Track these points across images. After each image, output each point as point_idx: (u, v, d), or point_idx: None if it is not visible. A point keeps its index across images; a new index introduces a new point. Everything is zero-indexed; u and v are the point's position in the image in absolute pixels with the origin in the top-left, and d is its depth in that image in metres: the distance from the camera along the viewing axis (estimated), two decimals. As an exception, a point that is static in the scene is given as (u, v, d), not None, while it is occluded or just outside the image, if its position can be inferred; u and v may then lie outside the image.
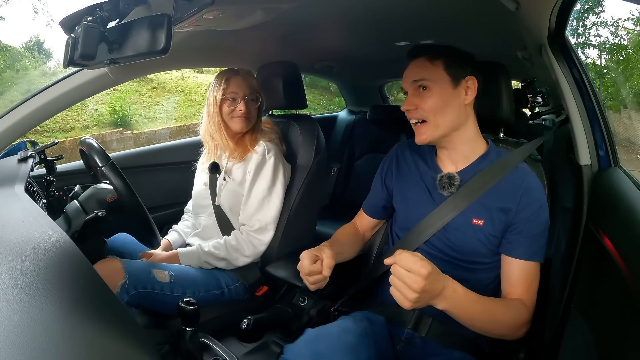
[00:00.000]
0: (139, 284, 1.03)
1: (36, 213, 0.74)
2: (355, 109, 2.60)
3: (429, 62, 0.87)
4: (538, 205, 0.83)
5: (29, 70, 8.02)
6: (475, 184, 0.86)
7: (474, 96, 0.87)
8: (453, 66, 0.86)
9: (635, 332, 0.58)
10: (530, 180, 0.85)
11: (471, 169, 0.89)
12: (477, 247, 0.85)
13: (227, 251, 1.17)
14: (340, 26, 1.27)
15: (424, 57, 0.87)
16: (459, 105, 0.86)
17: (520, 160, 0.88)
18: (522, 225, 0.82)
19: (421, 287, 0.66)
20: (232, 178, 1.23)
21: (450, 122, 0.86)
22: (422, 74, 0.86)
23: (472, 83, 0.86)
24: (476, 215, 0.85)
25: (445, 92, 0.85)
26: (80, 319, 0.45)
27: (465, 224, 0.86)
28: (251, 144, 1.22)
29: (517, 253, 0.82)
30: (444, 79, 0.86)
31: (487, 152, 0.90)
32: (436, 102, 0.85)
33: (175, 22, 0.57)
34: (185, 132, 7.10)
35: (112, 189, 1.05)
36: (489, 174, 0.86)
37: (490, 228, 0.84)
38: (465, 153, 0.90)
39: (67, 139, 5.96)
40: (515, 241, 0.83)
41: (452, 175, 0.88)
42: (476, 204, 0.85)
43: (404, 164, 0.99)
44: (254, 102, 1.23)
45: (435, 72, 0.86)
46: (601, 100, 1.08)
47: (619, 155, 0.99)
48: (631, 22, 10.13)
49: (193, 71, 8.75)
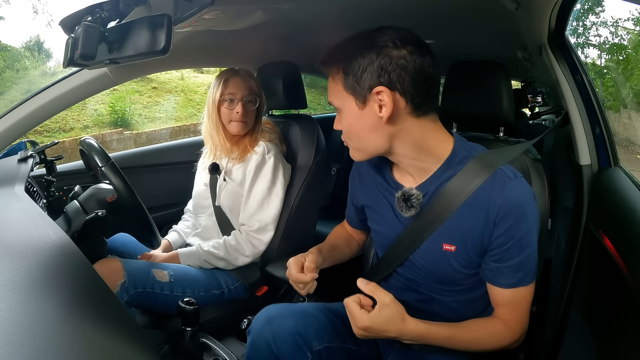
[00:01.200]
0: (138, 283, 1.03)
1: (36, 213, 0.74)
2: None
3: (330, 78, 0.71)
4: (520, 226, 0.67)
5: (29, 70, 8.03)
6: (441, 202, 0.71)
7: (391, 111, 0.65)
8: (350, 79, 0.67)
9: (635, 332, 0.58)
10: (510, 194, 0.67)
11: (434, 180, 0.73)
12: (450, 273, 0.74)
13: (227, 251, 1.17)
14: (341, 26, 1.26)
15: (328, 71, 0.72)
16: (376, 126, 0.68)
17: (501, 164, 0.71)
18: (501, 252, 0.68)
19: (362, 335, 0.68)
20: (232, 178, 1.23)
21: (370, 147, 0.71)
22: (329, 96, 0.72)
23: (386, 95, 0.64)
24: (447, 239, 0.72)
25: (352, 115, 0.69)
26: (80, 319, 0.45)
27: (435, 249, 0.73)
28: (251, 144, 1.22)
29: (498, 282, 0.71)
30: (346, 98, 0.69)
31: (452, 155, 0.72)
32: (347, 127, 0.71)
33: (175, 22, 0.57)
34: (185, 132, 7.10)
35: (112, 189, 1.05)
36: (456, 186, 0.70)
37: (463, 253, 0.71)
38: (419, 166, 0.73)
39: (67, 139, 5.97)
40: (496, 270, 0.70)
41: (409, 195, 0.71)
42: (447, 225, 0.71)
43: (368, 179, 0.84)
44: (252, 104, 1.22)
45: (337, 91, 0.70)
46: (601, 100, 1.08)
47: (619, 155, 0.99)
48: (631, 22, 10.13)
49: (193, 71, 8.75)
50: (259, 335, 0.77)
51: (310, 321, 0.79)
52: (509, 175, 0.69)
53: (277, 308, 0.81)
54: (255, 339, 0.77)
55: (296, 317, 0.78)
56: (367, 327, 0.67)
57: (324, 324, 0.80)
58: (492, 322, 0.73)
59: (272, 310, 0.80)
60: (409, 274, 0.80)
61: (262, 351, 0.76)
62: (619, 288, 0.64)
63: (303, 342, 0.76)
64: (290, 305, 0.83)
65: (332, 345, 0.80)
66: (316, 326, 0.78)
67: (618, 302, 0.67)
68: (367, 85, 0.66)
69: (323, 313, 0.83)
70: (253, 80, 1.24)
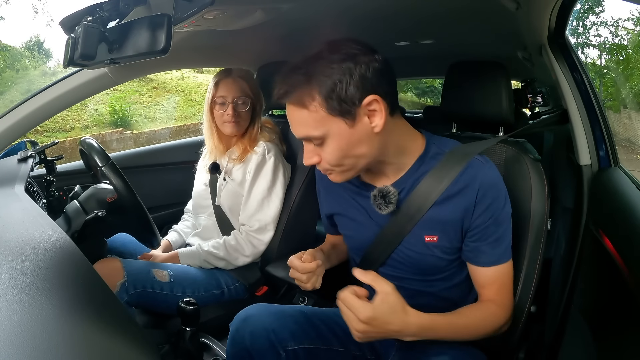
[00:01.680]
0: (138, 283, 1.03)
1: (36, 213, 0.74)
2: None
3: (303, 109, 0.65)
4: (496, 205, 0.71)
5: (29, 70, 8.03)
6: (420, 195, 0.72)
7: (384, 118, 0.65)
8: (336, 101, 0.63)
9: (635, 332, 0.58)
10: (485, 177, 0.71)
11: (409, 176, 0.74)
12: (435, 263, 0.76)
13: (227, 251, 1.17)
14: (340, 26, 1.26)
15: (293, 104, 0.66)
16: (368, 136, 0.67)
17: (475, 154, 0.73)
18: (480, 231, 0.72)
19: (363, 332, 0.63)
20: (232, 178, 1.23)
21: (363, 161, 0.70)
22: (305, 130, 0.66)
23: (378, 104, 0.65)
24: (427, 231, 0.73)
25: (343, 137, 0.66)
26: (80, 318, 0.45)
27: (416, 243, 0.75)
28: (250, 145, 1.22)
29: (480, 261, 0.74)
30: (332, 123, 0.65)
31: (425, 151, 0.74)
32: (336, 153, 0.67)
33: (175, 22, 0.57)
34: (185, 132, 7.11)
35: (112, 189, 1.05)
36: (433, 179, 0.72)
37: (446, 241, 0.74)
38: (396, 164, 0.74)
39: (67, 139, 5.97)
40: (476, 249, 0.73)
41: (386, 192, 0.72)
42: (426, 217, 0.73)
43: (334, 187, 0.83)
44: (243, 105, 1.20)
45: (318, 119, 0.65)
46: (601, 100, 1.08)
47: (619, 155, 0.99)
48: (631, 22, 10.13)
49: (193, 71, 8.76)
50: (236, 332, 0.78)
51: (287, 321, 0.79)
52: (481, 161, 0.73)
53: (258, 307, 0.81)
54: (233, 334, 0.78)
55: (273, 316, 0.79)
56: (370, 318, 0.62)
57: (303, 326, 0.80)
58: (485, 304, 0.75)
59: (252, 308, 0.81)
60: (392, 272, 0.79)
61: (238, 347, 0.77)
62: (619, 288, 0.64)
63: (277, 340, 0.76)
64: (271, 305, 0.83)
65: (313, 346, 0.79)
66: (293, 327, 0.79)
67: (618, 302, 0.67)
68: (356, 99, 0.64)
69: (304, 316, 0.82)
70: (245, 81, 1.22)
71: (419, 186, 0.73)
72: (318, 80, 0.64)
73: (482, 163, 0.73)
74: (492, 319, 0.74)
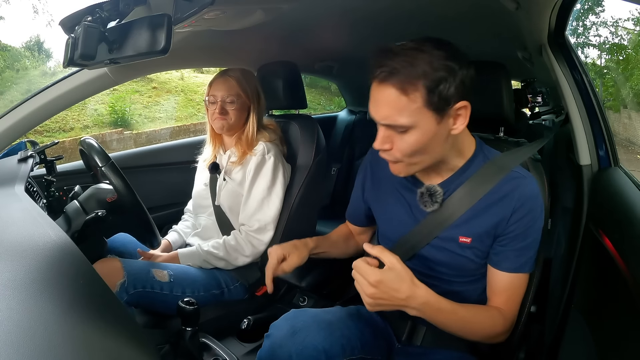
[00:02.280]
0: (138, 283, 1.03)
1: (36, 213, 0.74)
2: (355, 109, 2.60)
3: (402, 95, 0.65)
4: (531, 217, 0.74)
5: (29, 70, 8.02)
6: (461, 197, 0.76)
7: (465, 124, 0.70)
8: (436, 96, 0.65)
9: (635, 332, 0.58)
10: (525, 189, 0.74)
11: (455, 178, 0.78)
12: (464, 264, 0.79)
13: (226, 251, 1.17)
14: (341, 26, 1.27)
15: (394, 87, 0.65)
16: (445, 137, 0.70)
17: (514, 166, 0.77)
18: (510, 238, 0.75)
19: (372, 296, 0.67)
20: (232, 178, 1.23)
21: (431, 159, 0.73)
22: (394, 115, 0.66)
23: (465, 110, 0.68)
24: (463, 232, 0.77)
25: (427, 132, 0.67)
26: (80, 318, 0.45)
27: (450, 242, 0.78)
28: (248, 147, 1.21)
29: (502, 266, 0.76)
30: (424, 115, 0.66)
31: (473, 155, 0.78)
32: (413, 145, 0.68)
33: (175, 22, 0.57)
34: (185, 132, 7.10)
35: (112, 189, 1.05)
36: (475, 183, 0.75)
37: (478, 244, 0.77)
38: (450, 164, 0.78)
39: (67, 139, 5.96)
40: (502, 253, 0.76)
41: (434, 191, 0.76)
42: (462, 219, 0.76)
43: (381, 174, 0.86)
44: (231, 104, 1.19)
45: (413, 108, 0.65)
46: (601, 100, 1.08)
47: (619, 155, 0.99)
48: (631, 22, 10.13)
49: (193, 71, 8.75)
50: (280, 347, 0.73)
51: (336, 335, 0.74)
52: (522, 175, 0.77)
53: (303, 318, 0.76)
54: (276, 348, 0.73)
55: (324, 332, 0.73)
56: (378, 282, 0.66)
57: (351, 338, 0.76)
58: (492, 309, 0.77)
59: (297, 320, 0.76)
60: (418, 267, 0.81)
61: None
62: (619, 288, 0.64)
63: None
64: (315, 314, 0.77)
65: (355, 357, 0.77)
66: (342, 341, 0.75)
67: (618, 302, 0.67)
68: (452, 100, 0.66)
69: (353, 321, 0.80)
70: (237, 81, 1.20)
71: (461, 189, 0.76)
72: (424, 72, 0.64)
73: (523, 176, 0.76)
74: (493, 324, 0.76)
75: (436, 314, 0.72)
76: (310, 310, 0.80)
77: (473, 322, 0.75)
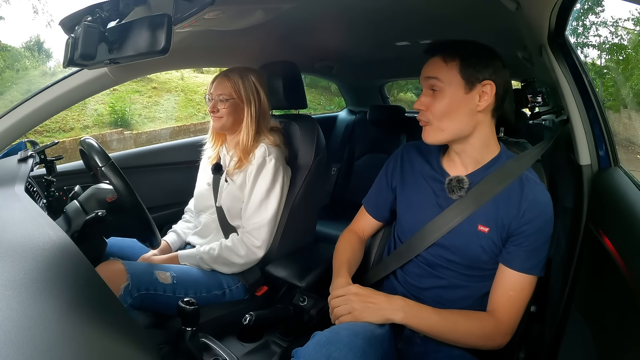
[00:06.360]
0: (142, 285, 1.03)
1: (36, 213, 0.74)
2: (355, 109, 2.61)
3: (443, 62, 0.82)
4: (543, 219, 0.81)
5: (29, 70, 8.02)
6: (484, 189, 0.84)
7: (489, 102, 0.81)
8: (469, 68, 0.80)
9: (635, 332, 0.58)
10: (539, 194, 0.82)
11: (480, 173, 0.86)
12: (479, 254, 0.84)
13: (221, 249, 1.17)
14: (340, 26, 1.27)
15: (439, 56, 0.83)
16: (470, 111, 0.81)
17: (529, 165, 0.86)
18: (522, 238, 0.81)
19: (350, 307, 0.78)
20: (233, 180, 1.23)
21: (456, 128, 0.83)
22: (434, 72, 0.83)
23: (490, 88, 0.81)
24: (482, 221, 0.84)
25: (455, 97, 0.81)
26: (80, 319, 0.45)
27: (469, 230, 0.84)
28: (244, 156, 1.20)
29: (513, 264, 0.82)
30: (456, 81, 0.81)
31: (498, 155, 0.87)
32: (444, 106, 0.81)
33: (175, 22, 0.57)
34: (185, 132, 7.10)
35: (112, 189, 1.04)
36: (496, 178, 0.84)
37: (494, 235, 0.83)
38: (476, 157, 0.87)
39: (67, 139, 5.96)
40: (514, 252, 0.82)
41: (461, 179, 0.85)
42: (482, 209, 0.84)
43: (409, 166, 0.96)
44: (222, 103, 1.19)
45: (448, 74, 0.81)
46: (601, 100, 1.08)
47: (619, 155, 0.99)
48: (631, 22, 10.13)
49: (193, 71, 8.75)
50: None
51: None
52: (536, 181, 0.85)
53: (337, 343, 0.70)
54: None
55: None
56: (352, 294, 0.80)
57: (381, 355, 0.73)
58: (481, 313, 0.82)
59: (334, 346, 0.70)
60: (434, 258, 0.88)
61: None
62: (619, 288, 0.64)
63: None
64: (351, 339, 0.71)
65: None
66: None
67: (618, 302, 0.67)
68: (482, 77, 0.80)
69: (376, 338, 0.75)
70: (231, 81, 1.20)
71: (484, 181, 0.84)
72: (472, 53, 0.82)
73: (537, 183, 0.84)
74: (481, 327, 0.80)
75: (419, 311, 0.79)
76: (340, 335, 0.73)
77: (459, 323, 0.79)
